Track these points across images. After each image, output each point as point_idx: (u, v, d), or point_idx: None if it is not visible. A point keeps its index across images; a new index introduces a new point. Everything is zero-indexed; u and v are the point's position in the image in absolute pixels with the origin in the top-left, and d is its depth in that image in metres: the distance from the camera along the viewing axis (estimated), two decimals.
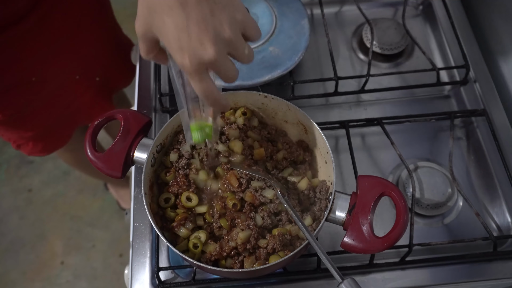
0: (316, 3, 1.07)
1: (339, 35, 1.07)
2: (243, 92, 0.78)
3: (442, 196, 0.84)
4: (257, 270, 0.64)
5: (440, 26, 1.05)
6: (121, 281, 1.68)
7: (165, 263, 0.80)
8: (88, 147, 0.70)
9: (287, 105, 0.76)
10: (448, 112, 0.92)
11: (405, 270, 0.78)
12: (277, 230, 0.68)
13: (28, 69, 1.02)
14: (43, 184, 2.04)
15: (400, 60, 1.03)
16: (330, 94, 0.95)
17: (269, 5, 0.96)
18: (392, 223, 0.63)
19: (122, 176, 0.70)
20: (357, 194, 0.65)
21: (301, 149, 0.77)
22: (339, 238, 0.70)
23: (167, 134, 0.75)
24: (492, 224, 0.84)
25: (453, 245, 0.81)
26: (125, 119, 0.72)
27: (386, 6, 1.11)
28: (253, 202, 0.70)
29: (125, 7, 2.50)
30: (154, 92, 0.96)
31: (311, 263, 0.80)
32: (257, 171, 0.71)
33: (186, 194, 0.71)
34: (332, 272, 0.60)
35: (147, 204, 0.67)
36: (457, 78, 0.98)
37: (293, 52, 0.91)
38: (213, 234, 0.70)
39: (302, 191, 0.73)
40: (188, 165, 0.74)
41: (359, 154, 0.90)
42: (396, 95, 0.97)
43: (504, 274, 0.77)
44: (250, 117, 0.80)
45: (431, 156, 0.91)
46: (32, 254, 1.91)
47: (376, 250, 0.63)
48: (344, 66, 1.02)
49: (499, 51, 0.99)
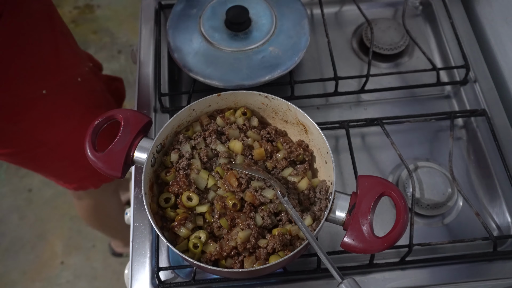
0: (316, 3, 1.07)
1: (339, 35, 1.07)
2: (243, 92, 0.78)
3: (442, 196, 0.84)
4: (257, 270, 0.64)
5: (440, 26, 1.05)
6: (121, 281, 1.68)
7: (165, 263, 0.80)
8: (88, 147, 0.70)
9: (287, 105, 0.76)
10: (448, 112, 0.92)
11: (405, 270, 0.78)
12: (277, 230, 0.68)
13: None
14: (43, 184, 2.03)
15: (400, 60, 1.03)
16: (330, 94, 0.95)
17: (269, 5, 0.96)
18: (392, 223, 0.63)
19: (122, 176, 0.70)
20: (357, 194, 0.65)
21: (301, 149, 0.77)
22: (339, 238, 0.70)
23: (167, 134, 0.75)
24: (492, 224, 0.84)
25: (453, 245, 0.81)
26: (125, 119, 0.72)
27: (386, 6, 1.11)
28: (253, 202, 0.70)
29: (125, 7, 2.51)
30: (154, 92, 0.96)
31: (311, 263, 0.80)
32: (257, 171, 0.71)
33: (187, 194, 0.71)
34: (332, 272, 0.60)
35: (147, 204, 0.67)
36: (457, 78, 0.98)
37: (293, 52, 0.91)
38: (213, 234, 0.70)
39: (302, 191, 0.73)
40: (189, 165, 0.74)
41: (359, 154, 0.90)
42: (396, 95, 0.97)
43: (504, 274, 0.77)
44: (250, 117, 0.80)
45: (431, 156, 0.91)
46: (32, 254, 1.91)
47: (376, 250, 0.63)
48: (344, 66, 1.02)
49: (499, 51, 0.99)
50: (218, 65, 0.90)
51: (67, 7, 2.49)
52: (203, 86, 0.92)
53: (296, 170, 0.75)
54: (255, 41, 0.92)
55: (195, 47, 0.92)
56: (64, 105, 1.03)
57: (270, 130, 0.79)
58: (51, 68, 0.99)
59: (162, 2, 1.08)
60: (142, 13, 1.08)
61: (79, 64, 1.12)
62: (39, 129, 1.03)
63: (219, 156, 0.75)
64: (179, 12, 0.98)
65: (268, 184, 0.71)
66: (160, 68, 0.98)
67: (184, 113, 0.76)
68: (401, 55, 1.04)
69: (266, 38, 0.92)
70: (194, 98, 0.89)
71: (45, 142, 1.06)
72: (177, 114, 0.75)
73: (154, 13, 1.07)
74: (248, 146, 0.76)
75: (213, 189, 0.73)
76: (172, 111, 0.95)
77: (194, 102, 0.76)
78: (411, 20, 1.08)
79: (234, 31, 0.93)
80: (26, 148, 1.06)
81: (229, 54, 0.91)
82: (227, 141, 0.77)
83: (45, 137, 1.05)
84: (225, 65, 0.90)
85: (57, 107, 1.02)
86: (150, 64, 1.00)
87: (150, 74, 0.98)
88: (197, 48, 0.92)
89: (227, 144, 0.76)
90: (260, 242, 0.67)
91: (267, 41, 0.92)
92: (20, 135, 1.01)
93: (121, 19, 2.48)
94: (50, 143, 1.07)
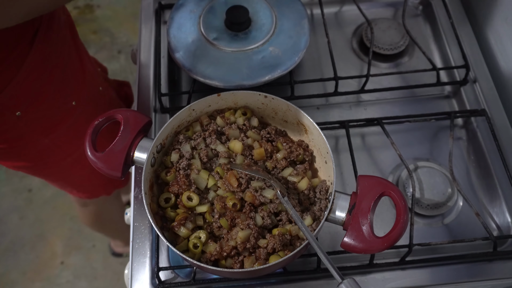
0: (316, 3, 1.07)
1: (339, 35, 1.07)
2: (243, 92, 0.78)
3: (442, 196, 0.84)
4: (257, 270, 0.64)
5: (440, 26, 1.05)
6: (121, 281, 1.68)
7: (165, 263, 0.80)
8: (88, 147, 0.70)
9: (287, 105, 0.76)
10: (448, 112, 0.92)
11: (405, 270, 0.78)
12: (277, 230, 0.68)
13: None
14: (43, 184, 2.03)
15: (400, 60, 1.03)
16: (330, 94, 0.95)
17: (269, 5, 0.96)
18: (392, 223, 0.63)
19: (122, 176, 0.70)
20: (357, 194, 0.65)
21: (301, 149, 0.77)
22: (339, 238, 0.70)
23: (167, 134, 0.75)
24: (492, 224, 0.84)
25: (453, 245, 0.81)
26: (125, 119, 0.72)
27: (386, 6, 1.11)
28: (253, 202, 0.70)
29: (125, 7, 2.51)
30: (154, 92, 0.96)
31: (311, 263, 0.80)
32: (257, 171, 0.71)
33: (187, 194, 0.71)
34: (332, 272, 0.60)
35: (147, 204, 0.67)
36: (457, 78, 0.98)
37: (293, 52, 0.91)
38: (213, 234, 0.70)
39: (302, 191, 0.73)
40: (189, 165, 0.74)
41: (359, 154, 0.90)
42: (396, 95, 0.97)
43: (504, 274, 0.77)
44: (250, 117, 0.80)
45: (431, 156, 0.91)
46: (32, 254, 1.91)
47: (376, 250, 0.63)
48: (344, 66, 1.02)
49: (499, 51, 0.99)
50: (218, 65, 0.90)
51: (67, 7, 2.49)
52: (203, 86, 0.92)
53: (296, 170, 0.75)
54: (255, 41, 0.92)
55: (195, 47, 0.92)
56: (89, 115, 1.04)
57: (270, 130, 0.79)
58: (79, 80, 1.00)
59: (162, 2, 1.08)
60: (142, 13, 1.08)
61: (97, 73, 1.13)
62: (67, 140, 1.04)
63: (219, 156, 0.75)
64: (179, 12, 0.98)
65: (268, 184, 0.71)
66: (160, 68, 0.98)
67: (184, 113, 0.76)
68: (401, 55, 1.04)
69: (266, 38, 0.92)
70: (194, 98, 0.89)
71: (70, 153, 1.07)
72: (177, 114, 0.75)
73: (154, 13, 1.07)
74: (248, 146, 0.76)
75: (213, 189, 0.73)
76: (172, 111, 0.95)
77: (194, 102, 0.76)
78: (411, 20, 1.08)
79: (234, 31, 0.93)
80: (52, 160, 1.07)
81: (229, 54, 0.91)
82: (227, 141, 0.77)
83: (71, 148, 1.06)
84: (225, 65, 0.90)
85: (84, 117, 1.03)
86: (150, 64, 1.00)
87: (150, 74, 0.98)
88: (197, 48, 0.92)
89: (227, 144, 0.76)
90: (260, 242, 0.67)
91: (267, 41, 0.92)
92: (50, 147, 1.02)
93: (121, 19, 2.48)
94: (75, 154, 1.08)
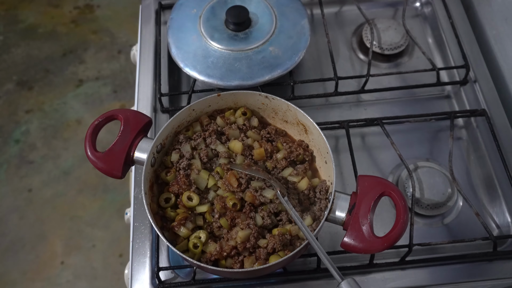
0: (316, 3, 1.07)
1: (339, 35, 1.07)
2: (243, 92, 0.78)
3: (442, 196, 0.84)
4: (257, 270, 0.64)
5: (440, 26, 1.05)
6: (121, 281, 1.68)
7: (165, 263, 0.80)
8: (88, 147, 0.70)
9: (287, 105, 0.76)
10: (448, 112, 0.92)
11: (405, 270, 0.78)
12: (277, 230, 0.68)
13: None
14: (43, 184, 2.03)
15: (400, 60, 1.03)
16: (330, 94, 0.95)
17: (269, 5, 0.96)
18: (392, 223, 0.63)
19: (122, 176, 0.70)
20: (357, 194, 0.65)
21: (301, 149, 0.77)
22: (339, 238, 0.70)
23: (167, 134, 0.75)
24: (492, 224, 0.84)
25: (453, 245, 0.81)
26: (125, 119, 0.72)
27: (386, 6, 1.11)
28: (253, 202, 0.70)
29: (125, 7, 2.51)
30: (154, 92, 0.96)
31: (311, 263, 0.80)
32: (257, 171, 0.71)
33: (187, 194, 0.71)
34: (332, 272, 0.60)
35: (147, 204, 0.67)
36: (457, 78, 0.98)
37: (293, 52, 0.91)
38: (213, 234, 0.70)
39: (302, 191, 0.73)
40: (189, 166, 0.74)
41: (359, 154, 0.90)
42: (396, 95, 0.97)
43: (504, 274, 0.77)
44: (250, 117, 0.80)
45: (431, 156, 0.91)
46: (32, 254, 1.91)
47: (376, 250, 0.63)
48: (344, 66, 1.02)
49: (499, 51, 0.99)
50: (218, 65, 0.90)
51: (67, 7, 2.49)
52: (203, 86, 0.92)
53: (296, 170, 0.75)
54: (255, 41, 0.92)
55: (195, 47, 0.92)
56: None
57: (270, 130, 0.79)
58: None
59: (162, 2, 1.08)
60: (142, 13, 1.08)
61: None
62: None
63: (219, 156, 0.75)
64: (179, 12, 0.98)
65: (268, 184, 0.71)
66: (160, 68, 0.98)
67: (184, 113, 0.76)
68: (401, 55, 1.04)
69: (266, 38, 0.92)
70: (194, 98, 0.90)
71: None
72: (177, 114, 0.75)
73: (154, 13, 1.07)
74: (248, 146, 0.76)
75: (213, 189, 0.73)
76: (172, 111, 0.95)
77: (194, 102, 0.76)
78: (411, 20, 1.08)
79: (234, 31, 0.93)
80: None
81: (229, 54, 0.91)
82: (227, 141, 0.77)
83: None
84: (225, 65, 0.90)
85: None
86: (150, 64, 1.00)
87: (150, 74, 0.98)
88: (197, 48, 0.92)
89: (227, 144, 0.76)
90: (260, 242, 0.67)
91: (267, 41, 0.92)
92: None
93: (121, 19, 2.48)
94: None
